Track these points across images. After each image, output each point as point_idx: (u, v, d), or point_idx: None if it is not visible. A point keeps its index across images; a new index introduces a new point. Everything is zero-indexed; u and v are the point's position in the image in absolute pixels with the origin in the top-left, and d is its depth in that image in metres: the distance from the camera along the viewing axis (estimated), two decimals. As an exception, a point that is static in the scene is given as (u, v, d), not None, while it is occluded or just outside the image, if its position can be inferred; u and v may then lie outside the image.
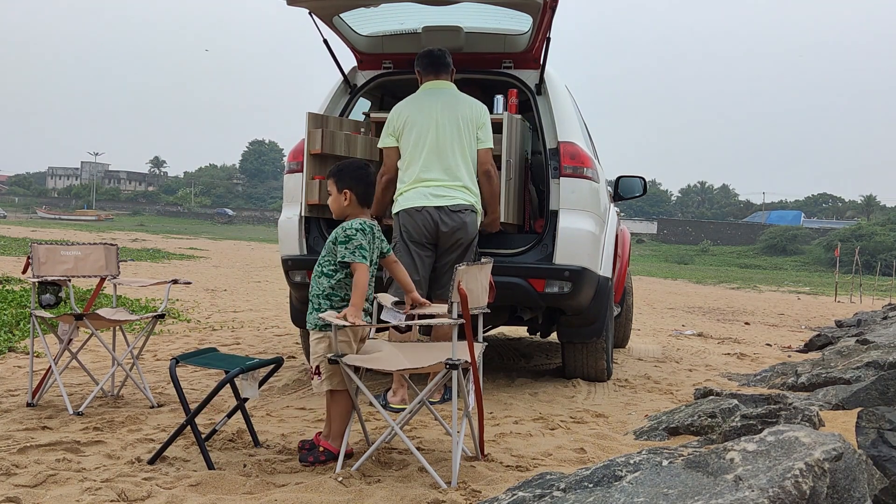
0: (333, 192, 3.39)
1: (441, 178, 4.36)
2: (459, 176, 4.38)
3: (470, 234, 4.36)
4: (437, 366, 3.13)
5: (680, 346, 8.25)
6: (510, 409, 4.46)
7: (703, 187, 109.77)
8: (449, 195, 4.33)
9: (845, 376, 4.49)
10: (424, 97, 4.53)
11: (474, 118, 4.46)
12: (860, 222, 64.32)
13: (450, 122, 4.42)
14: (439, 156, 4.39)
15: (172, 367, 3.38)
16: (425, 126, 4.41)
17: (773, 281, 36.38)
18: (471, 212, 4.36)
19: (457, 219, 4.31)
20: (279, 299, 11.48)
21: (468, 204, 4.35)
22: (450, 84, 4.59)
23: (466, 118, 4.44)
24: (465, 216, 4.32)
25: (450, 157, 4.39)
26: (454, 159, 4.39)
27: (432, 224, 4.31)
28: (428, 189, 4.34)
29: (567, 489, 2.40)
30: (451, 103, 4.48)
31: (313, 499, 2.76)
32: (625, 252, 6.60)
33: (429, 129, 4.41)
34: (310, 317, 3.31)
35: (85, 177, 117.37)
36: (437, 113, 4.44)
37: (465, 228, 4.32)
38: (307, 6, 4.55)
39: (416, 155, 4.41)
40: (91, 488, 2.81)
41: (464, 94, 4.59)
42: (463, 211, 4.33)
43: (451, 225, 4.30)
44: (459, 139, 4.41)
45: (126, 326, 6.22)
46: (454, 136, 4.41)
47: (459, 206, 4.32)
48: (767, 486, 1.97)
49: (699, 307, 16.38)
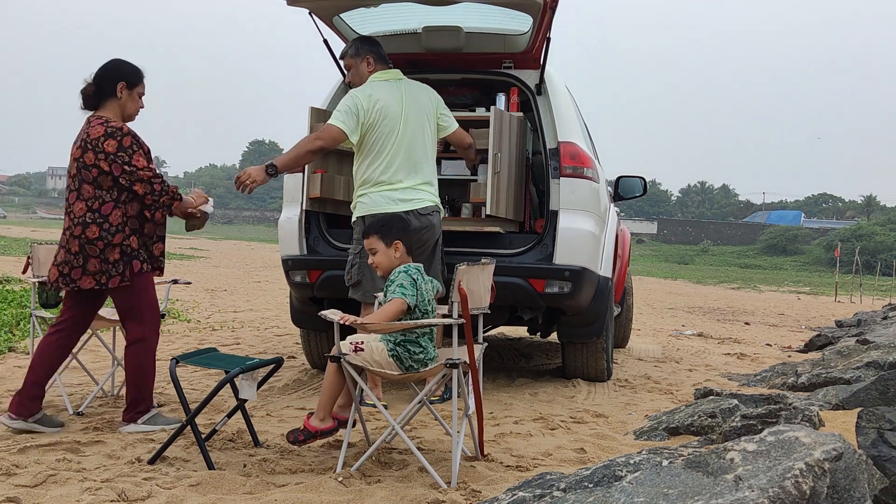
0: (381, 248, 3.37)
1: (405, 179, 4.24)
2: (424, 172, 4.32)
3: (437, 233, 4.36)
4: (437, 368, 3.14)
5: (680, 346, 8.25)
6: (510, 409, 4.46)
7: (703, 187, 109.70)
8: (416, 198, 4.26)
9: (845, 376, 4.49)
10: (391, 88, 4.30)
11: (432, 107, 4.42)
12: (860, 222, 64.29)
13: (414, 114, 4.31)
14: (406, 152, 4.26)
15: (172, 367, 3.38)
16: (395, 120, 4.24)
17: (773, 281, 36.39)
18: (436, 212, 4.36)
19: (425, 221, 4.27)
20: (279, 299, 11.48)
21: (433, 205, 4.34)
22: (400, 73, 4.46)
23: (427, 109, 4.39)
24: (433, 217, 4.32)
25: (416, 152, 4.29)
26: (419, 154, 4.31)
27: None
28: (395, 193, 4.22)
29: (567, 489, 2.39)
30: (413, 95, 4.36)
31: (313, 499, 2.75)
32: (625, 252, 6.60)
33: (398, 124, 4.25)
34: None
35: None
36: (404, 106, 4.29)
37: (433, 230, 4.32)
38: (307, 6, 4.55)
39: (382, 151, 4.23)
40: (91, 488, 2.81)
41: (416, 83, 4.46)
42: (431, 213, 4.31)
43: (419, 226, 4.20)
44: (422, 132, 4.34)
45: (126, 326, 6.21)
46: (419, 130, 4.32)
47: (427, 208, 4.29)
48: (767, 486, 1.96)
49: (699, 307, 16.39)
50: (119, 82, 3.77)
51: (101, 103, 3.78)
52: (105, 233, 3.67)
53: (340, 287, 4.87)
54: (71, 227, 3.71)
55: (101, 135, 3.66)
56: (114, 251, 3.67)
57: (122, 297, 3.76)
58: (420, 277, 3.29)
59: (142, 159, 3.69)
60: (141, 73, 3.86)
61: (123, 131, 3.69)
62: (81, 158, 3.69)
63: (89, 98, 3.79)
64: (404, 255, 3.40)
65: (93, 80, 3.79)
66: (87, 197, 3.69)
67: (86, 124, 3.75)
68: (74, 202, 3.72)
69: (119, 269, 3.68)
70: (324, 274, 4.82)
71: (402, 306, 3.17)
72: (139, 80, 3.85)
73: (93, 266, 3.67)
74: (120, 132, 3.68)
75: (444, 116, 4.47)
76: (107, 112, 3.77)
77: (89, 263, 3.67)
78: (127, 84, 3.79)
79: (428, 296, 3.32)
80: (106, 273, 3.68)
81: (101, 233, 3.66)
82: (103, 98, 3.77)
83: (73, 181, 3.76)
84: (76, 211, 3.70)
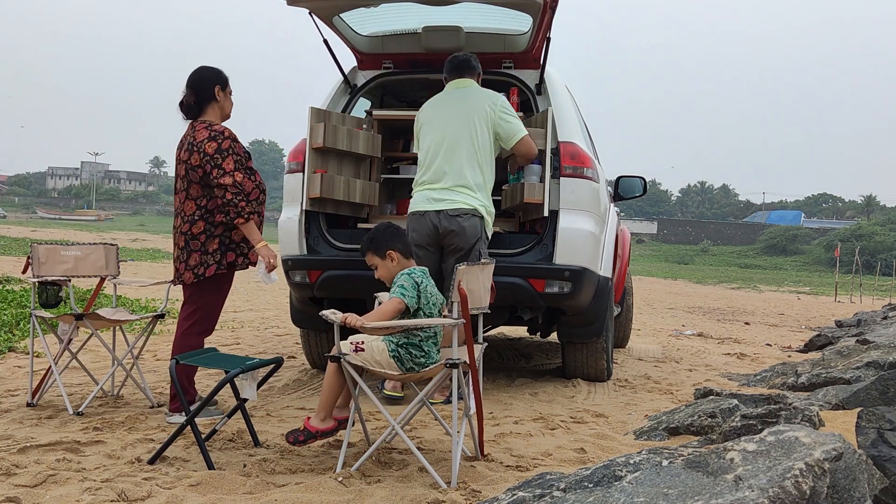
0: (378, 262, 3.41)
1: (444, 182, 4.37)
2: (464, 177, 4.36)
3: (468, 238, 4.31)
4: (438, 368, 3.14)
5: (680, 346, 8.25)
6: (510, 409, 4.45)
7: (703, 187, 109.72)
8: (449, 199, 4.33)
9: (845, 376, 4.49)
10: (442, 97, 4.60)
11: (485, 114, 4.43)
12: (860, 222, 64.33)
13: (460, 120, 4.43)
14: (446, 157, 4.40)
15: (172, 367, 3.38)
16: (436, 127, 4.48)
17: (773, 281, 36.40)
18: (471, 216, 4.32)
19: (454, 223, 4.29)
20: (279, 299, 11.48)
21: (468, 208, 4.32)
22: (470, 82, 4.60)
23: (477, 115, 4.43)
24: (462, 220, 4.30)
25: (456, 157, 4.39)
26: (460, 160, 4.38)
27: (432, 228, 4.32)
28: (431, 193, 4.38)
29: (567, 489, 2.39)
30: (465, 101, 4.48)
31: (313, 499, 2.75)
32: (625, 252, 6.60)
33: (438, 130, 4.45)
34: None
35: (85, 177, 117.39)
36: (449, 112, 4.47)
37: (463, 233, 4.30)
38: (307, 6, 4.55)
39: (425, 157, 4.48)
40: (91, 488, 2.81)
41: (482, 90, 4.58)
42: (462, 215, 4.31)
43: (448, 228, 4.30)
44: (469, 138, 4.40)
45: (126, 326, 6.22)
46: (462, 136, 4.41)
47: (458, 210, 4.31)
48: (767, 486, 1.96)
49: (699, 307, 16.39)
50: (215, 85, 4.04)
51: (202, 110, 4.04)
52: (210, 226, 3.95)
53: (340, 287, 4.88)
54: (180, 224, 4.01)
55: (205, 138, 3.91)
56: (213, 242, 3.95)
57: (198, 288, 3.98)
58: (425, 281, 3.29)
59: (231, 164, 3.89)
60: (225, 74, 4.13)
61: (224, 135, 3.95)
62: (188, 161, 3.94)
63: (191, 108, 4.05)
64: (402, 261, 3.40)
65: (189, 91, 4.03)
66: (195, 196, 3.97)
67: (190, 129, 4.02)
68: (184, 202, 4.01)
69: (217, 257, 3.95)
70: (324, 274, 4.82)
71: (399, 306, 3.18)
72: (227, 80, 4.12)
73: (193, 260, 3.94)
74: (221, 136, 3.93)
75: (503, 123, 4.45)
76: (209, 116, 4.05)
77: (191, 258, 3.95)
78: (221, 85, 4.06)
79: (433, 299, 3.31)
80: (204, 264, 3.93)
81: (206, 227, 3.96)
82: (203, 104, 4.04)
83: (181, 182, 4.03)
84: (186, 210, 3.99)
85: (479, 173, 4.42)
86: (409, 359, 3.21)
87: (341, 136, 4.96)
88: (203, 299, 4.00)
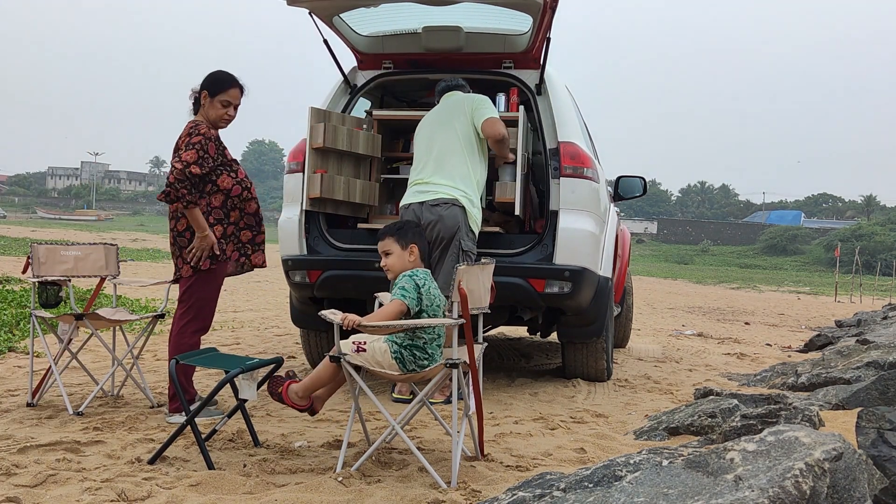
0: (396, 250, 3.38)
1: (429, 177, 4.49)
2: (444, 169, 4.49)
3: (448, 227, 4.34)
4: (438, 368, 3.13)
5: (680, 346, 8.25)
6: (510, 409, 4.46)
7: (703, 187, 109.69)
8: (431, 191, 4.43)
9: (845, 376, 4.49)
10: (432, 109, 4.77)
11: (466, 109, 4.58)
12: (860, 222, 64.32)
13: (442, 118, 4.61)
14: (430, 150, 4.57)
15: (172, 367, 3.38)
16: (423, 129, 4.67)
17: (773, 281, 36.40)
18: (451, 205, 4.37)
19: (434, 212, 4.35)
20: (279, 299, 11.47)
21: (448, 198, 4.38)
22: (456, 92, 4.78)
23: (459, 112, 4.58)
24: (441, 209, 4.36)
25: (443, 153, 4.52)
26: (442, 152, 4.53)
27: (416, 219, 4.36)
28: (416, 187, 4.51)
29: (567, 489, 2.39)
30: (449, 104, 4.67)
31: (313, 499, 2.75)
32: (625, 252, 6.60)
33: (425, 130, 4.66)
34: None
35: (85, 177, 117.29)
36: (435, 115, 4.67)
37: (442, 222, 4.34)
38: (307, 6, 4.55)
39: (415, 156, 4.69)
40: (91, 488, 2.81)
41: (462, 94, 4.74)
42: (440, 204, 4.37)
43: (429, 219, 4.36)
44: (452, 130, 4.55)
45: (126, 326, 6.22)
46: (445, 129, 4.57)
47: (438, 199, 4.38)
48: (767, 486, 1.96)
49: (699, 307, 16.39)
50: (203, 91, 4.06)
51: (197, 111, 4.10)
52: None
53: (340, 287, 4.88)
54: (170, 222, 4.04)
55: (184, 133, 3.95)
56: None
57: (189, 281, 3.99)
58: (427, 282, 3.29)
59: (191, 156, 3.85)
60: (226, 82, 4.06)
61: (199, 131, 3.94)
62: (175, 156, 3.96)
63: (194, 105, 4.11)
64: (418, 260, 3.40)
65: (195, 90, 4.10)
66: None
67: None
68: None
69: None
70: (323, 274, 4.82)
71: (400, 307, 3.17)
72: (221, 88, 4.05)
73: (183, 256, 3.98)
74: (196, 130, 3.93)
75: (477, 111, 4.57)
76: (198, 117, 4.08)
77: (182, 254, 3.98)
78: (209, 92, 4.04)
79: (436, 301, 3.31)
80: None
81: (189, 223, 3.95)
82: (197, 105, 4.09)
83: None
84: (171, 207, 3.99)
85: (464, 163, 4.50)
86: (412, 360, 3.21)
87: (341, 136, 4.96)
88: (197, 293, 3.99)
